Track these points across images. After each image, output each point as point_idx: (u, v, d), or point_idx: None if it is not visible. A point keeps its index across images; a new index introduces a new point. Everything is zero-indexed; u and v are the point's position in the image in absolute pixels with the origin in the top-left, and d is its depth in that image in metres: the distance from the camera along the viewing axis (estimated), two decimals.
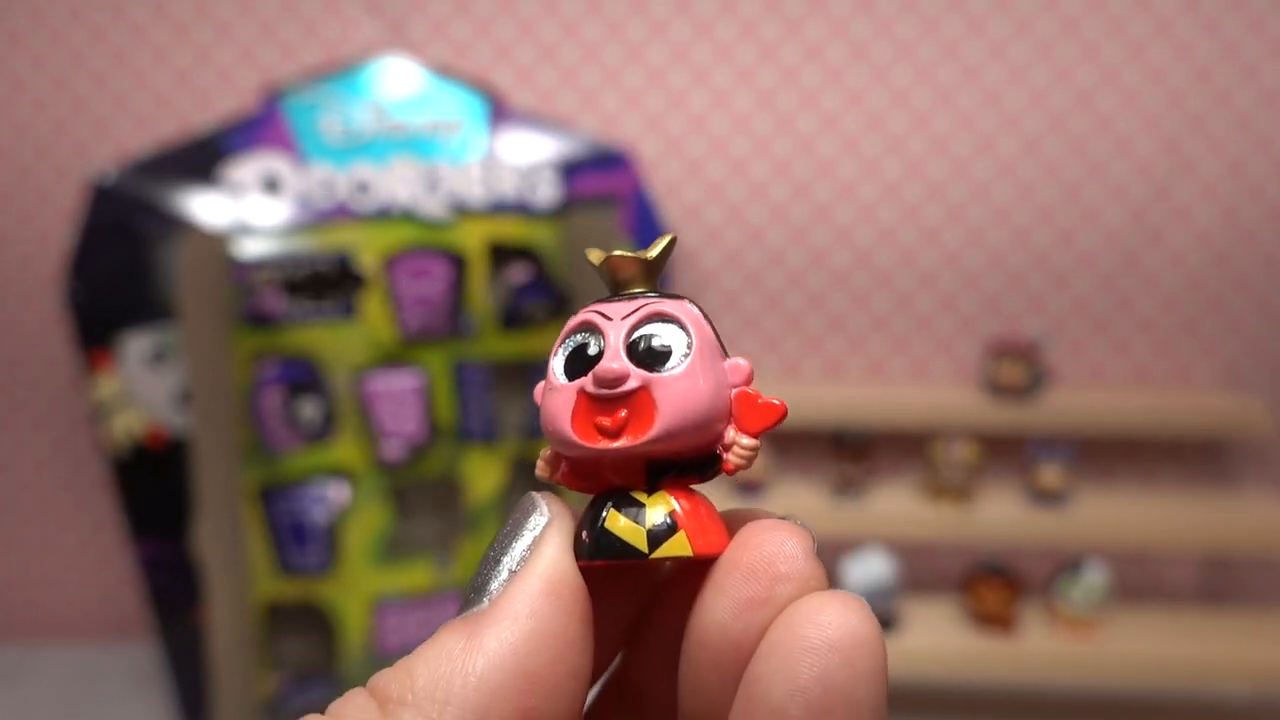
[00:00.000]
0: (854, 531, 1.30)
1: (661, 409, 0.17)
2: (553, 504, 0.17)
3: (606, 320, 0.18)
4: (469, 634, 0.16)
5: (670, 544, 0.17)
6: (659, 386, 0.18)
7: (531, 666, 0.15)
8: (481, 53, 1.39)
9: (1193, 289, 1.39)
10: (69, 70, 1.42)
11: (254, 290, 1.20)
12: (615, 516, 0.17)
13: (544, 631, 0.15)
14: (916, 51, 1.36)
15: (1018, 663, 1.26)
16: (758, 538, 0.16)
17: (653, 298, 0.19)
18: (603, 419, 0.17)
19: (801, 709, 0.14)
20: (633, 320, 0.18)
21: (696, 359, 0.18)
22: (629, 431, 0.17)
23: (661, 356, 0.18)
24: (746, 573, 0.16)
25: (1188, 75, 1.33)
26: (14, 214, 1.46)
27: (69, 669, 1.52)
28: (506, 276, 1.28)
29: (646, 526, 0.17)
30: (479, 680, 0.15)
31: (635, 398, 0.18)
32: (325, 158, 1.25)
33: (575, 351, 0.18)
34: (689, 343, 0.18)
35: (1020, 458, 1.36)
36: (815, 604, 0.15)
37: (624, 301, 0.19)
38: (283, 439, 1.22)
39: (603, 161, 1.29)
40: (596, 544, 0.17)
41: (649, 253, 0.20)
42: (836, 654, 0.14)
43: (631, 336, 0.18)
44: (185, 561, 1.25)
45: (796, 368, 1.47)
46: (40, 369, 1.51)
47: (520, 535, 0.17)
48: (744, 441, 0.19)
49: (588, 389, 0.18)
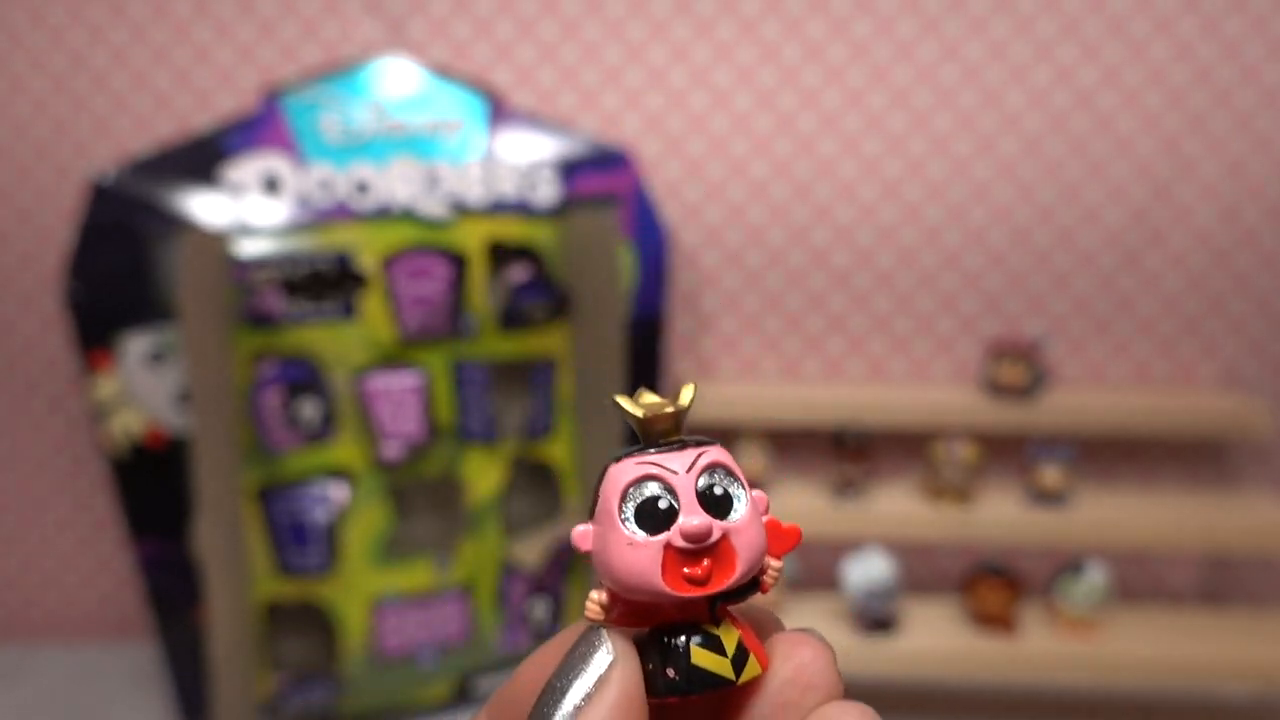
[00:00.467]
0: (854, 531, 1.30)
1: (741, 555, 0.20)
2: (617, 642, 0.19)
3: (671, 474, 0.20)
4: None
5: (749, 668, 0.19)
6: (735, 535, 0.20)
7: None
8: (481, 52, 1.39)
9: (1193, 289, 1.39)
10: (69, 70, 1.42)
11: (254, 290, 1.20)
12: (701, 653, 0.19)
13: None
14: (916, 51, 1.36)
15: (1018, 663, 1.25)
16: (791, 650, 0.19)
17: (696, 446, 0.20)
18: (695, 570, 0.19)
19: None
20: (695, 472, 0.20)
21: (751, 504, 0.20)
22: (716, 579, 0.19)
23: (726, 505, 0.20)
24: (783, 681, 0.19)
25: (1188, 75, 1.33)
26: (14, 214, 1.46)
27: (69, 669, 1.52)
28: (506, 276, 1.28)
29: (730, 656, 0.19)
30: None
31: (717, 547, 0.20)
32: (325, 158, 1.25)
33: (645, 505, 0.20)
34: (744, 489, 0.20)
35: (1020, 458, 1.36)
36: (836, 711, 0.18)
37: (673, 452, 0.20)
38: (283, 439, 1.22)
39: (603, 161, 1.29)
40: (688, 678, 0.19)
41: (683, 403, 0.21)
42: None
43: (698, 489, 0.20)
44: (185, 561, 1.25)
45: (796, 368, 1.47)
46: (40, 369, 1.51)
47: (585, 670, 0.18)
48: (774, 564, 0.21)
49: (675, 544, 0.19)
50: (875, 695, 1.41)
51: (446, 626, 1.30)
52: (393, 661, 1.28)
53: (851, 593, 1.28)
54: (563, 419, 1.33)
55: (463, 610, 1.30)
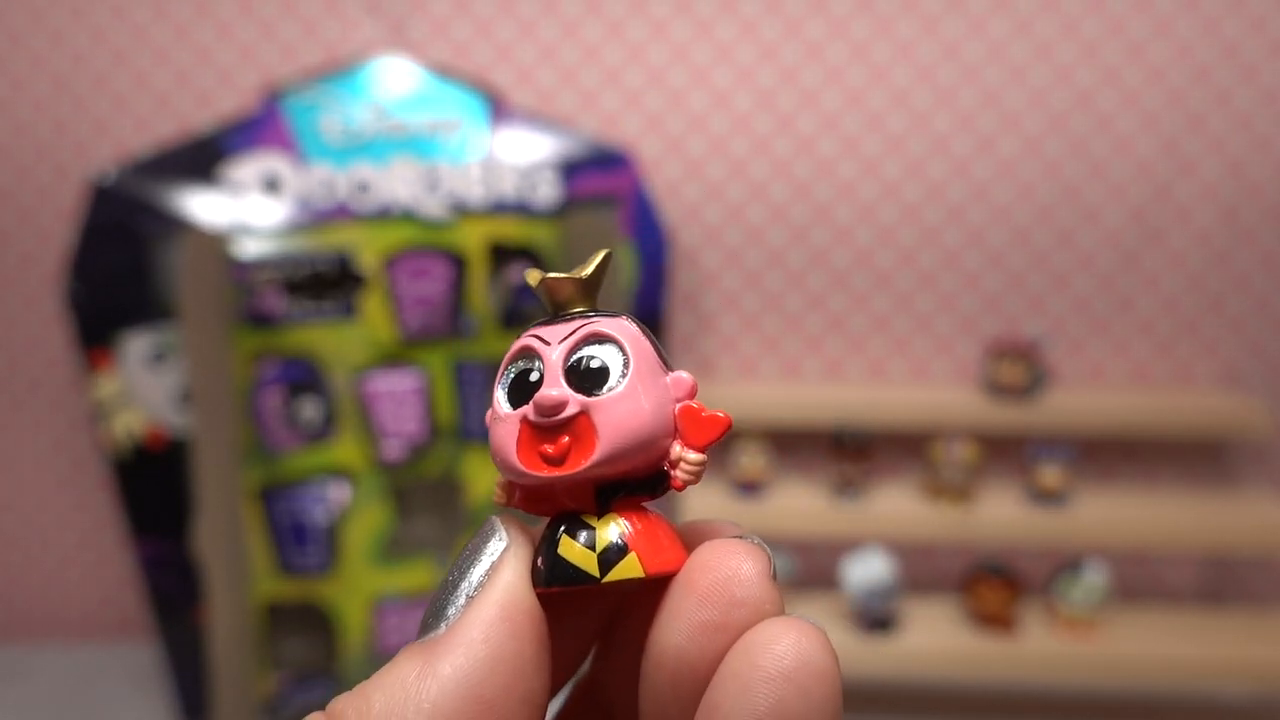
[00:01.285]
0: (854, 531, 1.30)
1: (602, 432, 0.17)
2: (511, 529, 0.17)
3: (545, 344, 0.18)
4: (424, 660, 0.16)
5: (622, 566, 0.17)
6: (598, 410, 0.17)
7: (485, 692, 0.15)
8: (481, 52, 1.39)
9: (1193, 289, 1.39)
10: (69, 70, 1.42)
11: (254, 290, 1.20)
12: (568, 542, 0.17)
13: (498, 657, 0.16)
14: (916, 51, 1.36)
15: (1018, 663, 1.26)
16: (714, 559, 0.16)
17: (591, 317, 0.18)
18: (546, 446, 0.17)
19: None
20: (569, 343, 0.18)
21: (635, 378, 0.18)
22: (572, 458, 0.17)
23: (600, 378, 0.18)
24: (702, 597, 0.16)
25: (1188, 75, 1.33)
26: (14, 214, 1.46)
27: (69, 669, 1.52)
28: (506, 276, 1.28)
29: (598, 550, 0.17)
30: (433, 707, 0.15)
31: (576, 423, 0.17)
32: (325, 158, 1.25)
33: (517, 379, 0.18)
34: (626, 361, 0.18)
35: (1020, 458, 1.36)
36: (771, 632, 0.15)
37: (562, 324, 0.19)
38: (283, 439, 1.22)
39: (603, 161, 1.29)
40: (551, 571, 0.17)
41: (584, 271, 0.19)
42: (792, 684, 0.14)
43: (569, 360, 0.18)
44: (185, 561, 1.25)
45: (796, 368, 1.47)
46: (40, 369, 1.51)
47: (478, 561, 0.17)
48: (690, 457, 0.18)
49: (530, 418, 0.18)
50: (875, 695, 1.41)
51: None
52: None
53: (851, 592, 1.28)
54: None
55: None
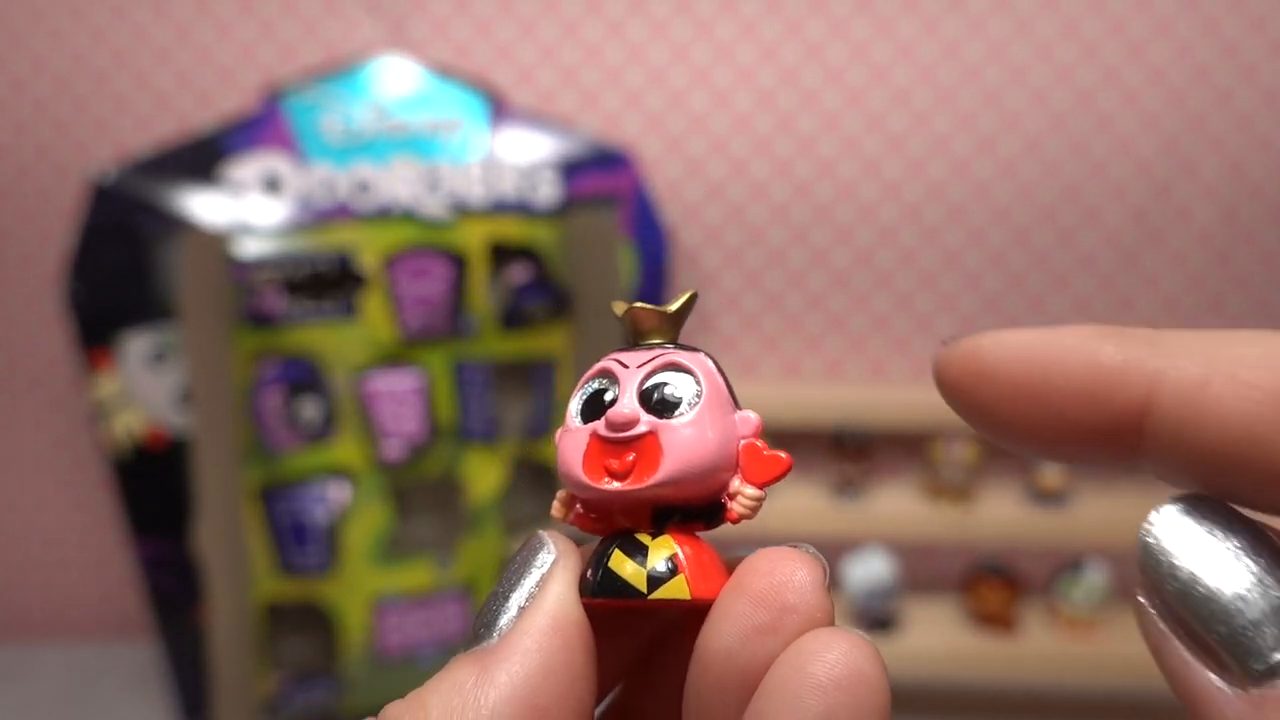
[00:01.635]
0: (854, 531, 1.30)
1: (667, 454, 0.18)
2: (559, 543, 0.18)
3: (623, 368, 0.19)
4: (480, 668, 0.16)
5: (669, 586, 0.17)
6: (666, 432, 0.18)
7: (539, 700, 0.16)
8: (482, 52, 1.39)
9: (1193, 289, 1.39)
10: (69, 69, 1.42)
11: (254, 290, 1.20)
12: (619, 558, 0.18)
13: (551, 666, 0.16)
14: (916, 51, 1.36)
15: (1018, 663, 1.26)
16: (768, 565, 0.16)
17: (670, 349, 0.19)
18: (611, 461, 0.18)
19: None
20: (648, 369, 0.19)
21: (704, 408, 0.19)
22: (635, 475, 0.18)
23: (672, 404, 0.19)
24: (754, 600, 0.16)
25: (1188, 75, 1.33)
26: (14, 214, 1.46)
27: (69, 669, 1.52)
28: (507, 276, 1.28)
29: (648, 569, 0.18)
30: (490, 713, 0.16)
31: (644, 442, 0.18)
32: (325, 157, 1.25)
33: (592, 397, 0.19)
34: (698, 392, 0.19)
35: (1020, 457, 1.36)
36: (823, 641, 0.15)
37: (641, 351, 0.19)
38: (283, 439, 1.22)
39: (603, 161, 1.29)
40: (599, 583, 0.18)
41: (670, 306, 0.20)
42: (842, 693, 0.14)
43: (645, 384, 0.19)
44: (185, 561, 1.25)
45: (796, 368, 1.47)
46: (40, 369, 1.51)
47: (528, 573, 0.17)
48: (749, 492, 0.19)
49: (600, 432, 0.18)
50: None
51: (447, 626, 1.30)
52: (393, 661, 1.28)
53: (851, 592, 1.28)
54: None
55: (463, 610, 1.30)
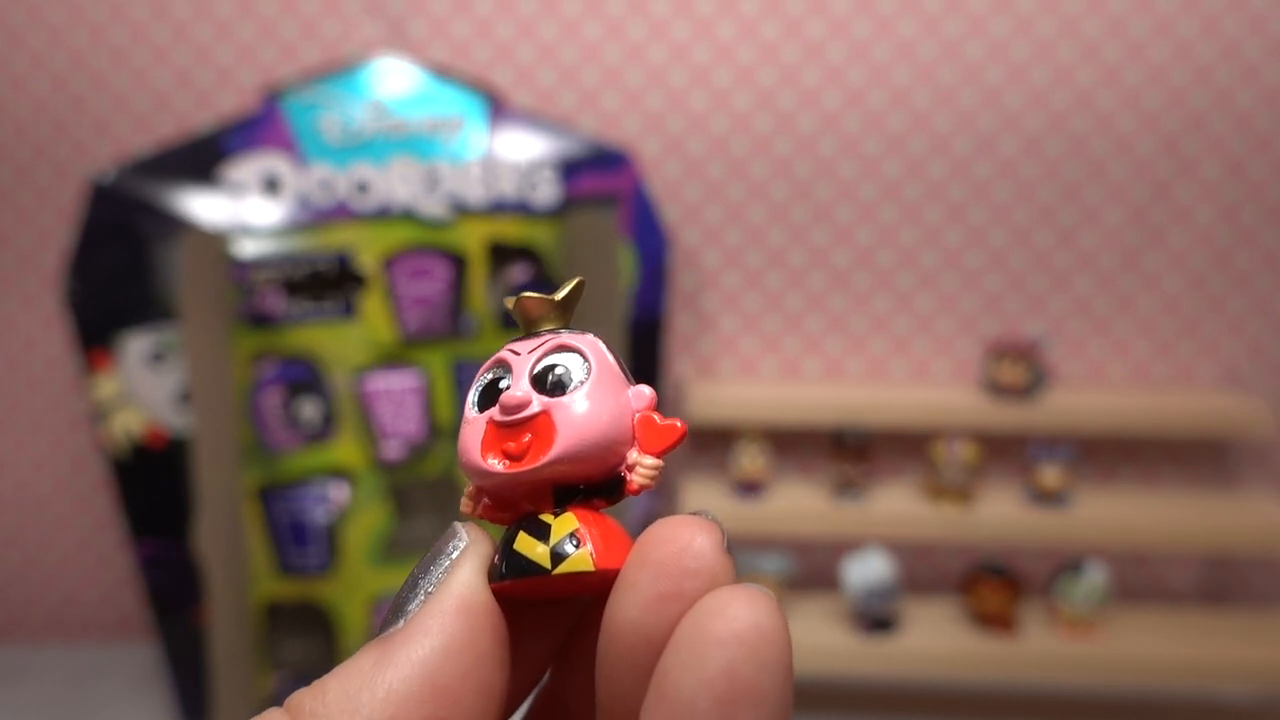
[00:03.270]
0: (854, 531, 1.30)
1: (561, 431, 0.18)
2: (471, 531, 0.18)
3: (516, 356, 0.20)
4: (381, 651, 0.16)
5: (573, 560, 0.18)
6: (558, 409, 0.19)
7: (440, 680, 0.16)
8: (481, 52, 1.39)
9: (1193, 289, 1.39)
10: (69, 69, 1.42)
11: (254, 290, 1.20)
12: (524, 538, 0.18)
13: (452, 648, 0.16)
14: (916, 50, 1.36)
15: (1018, 663, 1.25)
16: (667, 533, 0.16)
17: (560, 333, 0.20)
18: (509, 444, 0.19)
19: (709, 701, 0.14)
20: (538, 354, 0.20)
21: (595, 384, 0.19)
22: (531, 454, 0.18)
23: (564, 384, 0.19)
24: (656, 569, 0.16)
25: (1188, 75, 1.33)
26: (14, 213, 1.46)
27: (69, 669, 1.52)
28: (506, 276, 1.28)
29: (550, 545, 0.18)
30: (387, 692, 0.16)
31: (537, 422, 0.19)
32: (325, 157, 1.25)
33: (487, 387, 0.20)
34: (588, 370, 0.19)
35: (1020, 458, 1.36)
36: (723, 599, 0.15)
37: (533, 339, 0.20)
38: (283, 439, 1.22)
39: (602, 161, 1.29)
40: (506, 564, 0.18)
41: (557, 294, 0.21)
42: (743, 647, 0.14)
43: (536, 368, 0.19)
44: (185, 561, 1.25)
45: (796, 368, 1.47)
46: (40, 369, 1.51)
47: (438, 561, 0.18)
48: (647, 461, 0.19)
49: (495, 417, 0.19)
50: (875, 695, 1.41)
51: None
52: None
53: (852, 592, 1.28)
54: None
55: None
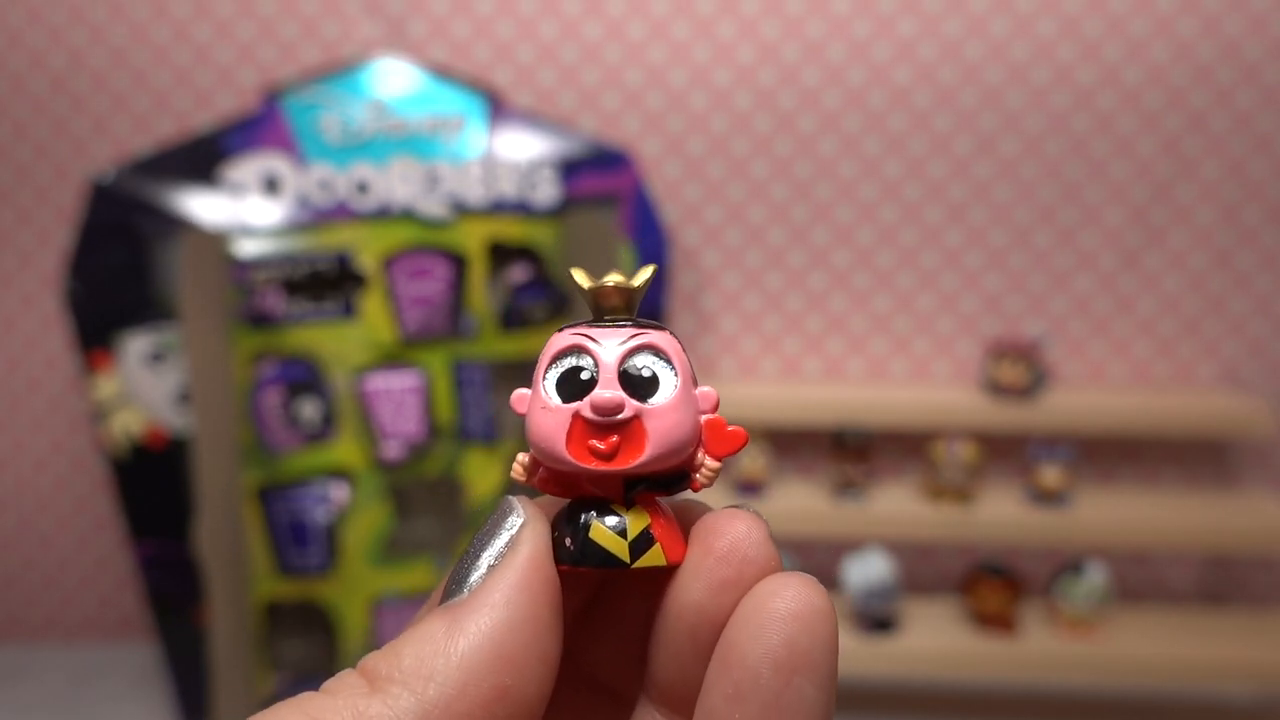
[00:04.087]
0: (854, 531, 1.30)
1: (651, 437, 0.19)
2: (528, 507, 0.19)
3: (596, 345, 0.20)
4: (451, 620, 0.17)
5: (649, 555, 0.19)
6: (650, 417, 0.19)
7: (506, 650, 0.17)
8: (481, 52, 1.39)
9: (1193, 289, 1.39)
10: (69, 69, 1.42)
11: (254, 290, 1.20)
12: (599, 528, 0.19)
13: (518, 619, 0.17)
14: (917, 50, 1.36)
15: (1018, 663, 1.25)
16: (726, 525, 0.19)
17: (637, 327, 0.20)
18: (597, 443, 0.19)
19: (770, 669, 0.17)
20: (624, 350, 0.20)
21: (680, 392, 0.20)
22: (622, 457, 0.19)
23: (650, 387, 0.20)
24: (719, 559, 0.18)
25: (1188, 75, 1.33)
26: (14, 213, 1.46)
27: (69, 669, 1.52)
28: (506, 276, 1.28)
29: (629, 539, 0.19)
30: (460, 660, 0.17)
31: (628, 425, 0.19)
32: (325, 157, 1.25)
33: (567, 374, 0.20)
34: (675, 378, 0.20)
35: (1021, 458, 1.36)
36: (780, 582, 0.17)
37: (611, 329, 0.20)
38: (283, 439, 1.22)
39: (602, 161, 1.29)
40: (582, 551, 0.19)
41: (634, 283, 0.21)
42: (800, 622, 0.17)
43: (623, 366, 0.20)
44: (185, 561, 1.25)
45: (796, 368, 1.47)
46: (40, 369, 1.51)
47: (498, 534, 0.18)
48: (710, 464, 0.20)
49: (585, 414, 0.19)
50: (876, 695, 1.41)
51: None
52: None
53: (852, 592, 1.28)
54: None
55: None
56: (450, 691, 0.16)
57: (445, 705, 0.16)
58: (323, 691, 0.17)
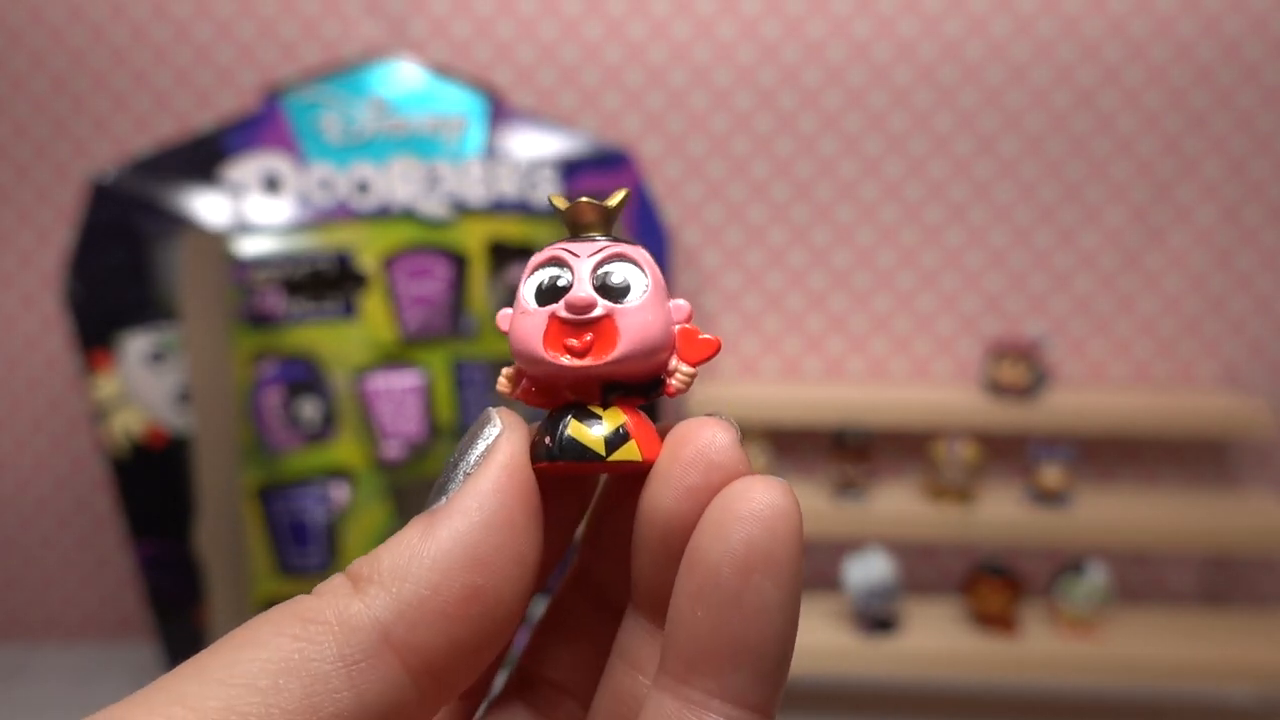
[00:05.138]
0: (855, 531, 1.30)
1: (622, 335, 0.20)
2: (506, 416, 0.20)
3: (574, 257, 0.21)
4: (426, 525, 0.18)
5: (624, 450, 0.20)
6: (621, 316, 0.20)
7: (479, 552, 0.18)
8: (482, 52, 1.39)
9: (1194, 289, 1.39)
10: (69, 68, 1.42)
11: (254, 290, 1.20)
12: (578, 426, 0.20)
13: (491, 523, 0.18)
14: (917, 50, 1.36)
15: (1019, 663, 1.25)
16: (694, 432, 0.19)
17: (612, 241, 0.21)
18: (571, 340, 0.20)
19: (730, 567, 0.17)
20: (599, 258, 0.21)
21: (651, 296, 0.21)
22: (593, 352, 0.20)
23: (622, 291, 0.21)
24: (686, 464, 0.19)
25: (1188, 75, 1.33)
26: (14, 213, 1.46)
27: (69, 669, 1.52)
28: (507, 276, 1.28)
29: (604, 435, 0.20)
30: (432, 561, 0.18)
31: (600, 324, 0.20)
32: (325, 157, 1.25)
33: (545, 283, 0.21)
34: (646, 282, 0.21)
35: (1021, 458, 1.36)
36: (744, 485, 0.18)
37: (588, 243, 0.21)
38: (283, 439, 1.22)
39: (603, 160, 1.29)
40: (560, 447, 0.20)
41: (609, 201, 0.22)
42: (760, 522, 0.17)
43: (597, 272, 0.21)
44: (185, 561, 1.25)
45: (796, 367, 1.47)
46: (40, 369, 1.51)
47: (475, 443, 0.19)
48: (684, 369, 0.22)
49: (559, 314, 0.20)
50: (876, 696, 1.41)
51: None
52: None
53: (852, 593, 1.28)
54: None
55: None
56: (423, 591, 0.17)
57: (419, 603, 0.17)
58: (313, 594, 0.18)
